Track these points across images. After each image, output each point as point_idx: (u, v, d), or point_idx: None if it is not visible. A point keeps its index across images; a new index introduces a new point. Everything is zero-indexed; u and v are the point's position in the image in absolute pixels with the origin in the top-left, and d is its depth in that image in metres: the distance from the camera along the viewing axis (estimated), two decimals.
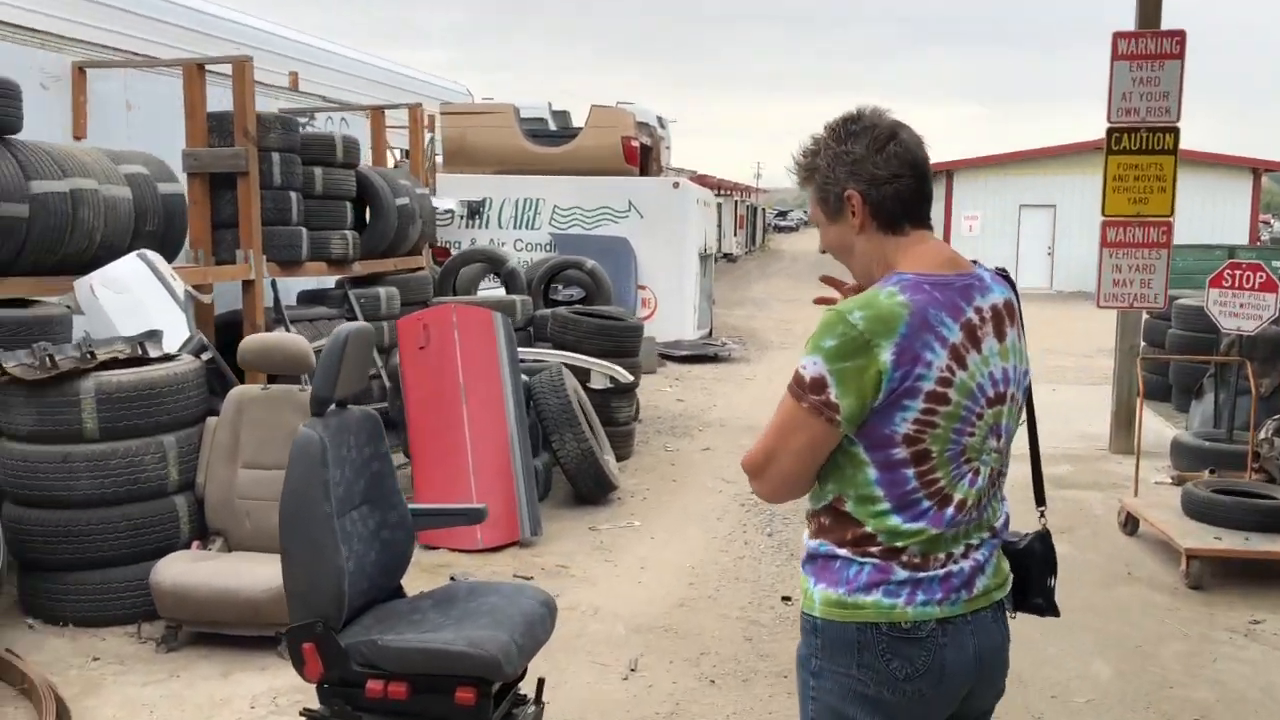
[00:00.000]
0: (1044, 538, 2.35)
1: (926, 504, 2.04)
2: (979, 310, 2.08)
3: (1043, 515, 2.42)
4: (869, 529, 2.06)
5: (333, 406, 3.40)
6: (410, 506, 3.64)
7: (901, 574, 2.06)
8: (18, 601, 5.00)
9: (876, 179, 2.07)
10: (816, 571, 2.13)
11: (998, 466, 2.14)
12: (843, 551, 2.09)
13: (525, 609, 3.41)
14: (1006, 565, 2.25)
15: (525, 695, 3.59)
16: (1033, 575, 2.31)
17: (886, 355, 1.96)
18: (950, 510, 2.06)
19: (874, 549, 2.06)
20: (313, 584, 3.18)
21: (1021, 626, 3.87)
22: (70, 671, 4.41)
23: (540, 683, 3.61)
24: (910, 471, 2.03)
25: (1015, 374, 2.14)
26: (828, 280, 2.41)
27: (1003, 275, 2.23)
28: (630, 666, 4.58)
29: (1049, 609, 2.34)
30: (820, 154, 2.13)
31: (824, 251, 2.24)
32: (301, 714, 3.31)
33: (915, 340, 1.97)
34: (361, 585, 3.40)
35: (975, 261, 2.19)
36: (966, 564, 2.10)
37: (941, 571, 2.07)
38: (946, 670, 2.07)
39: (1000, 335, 2.11)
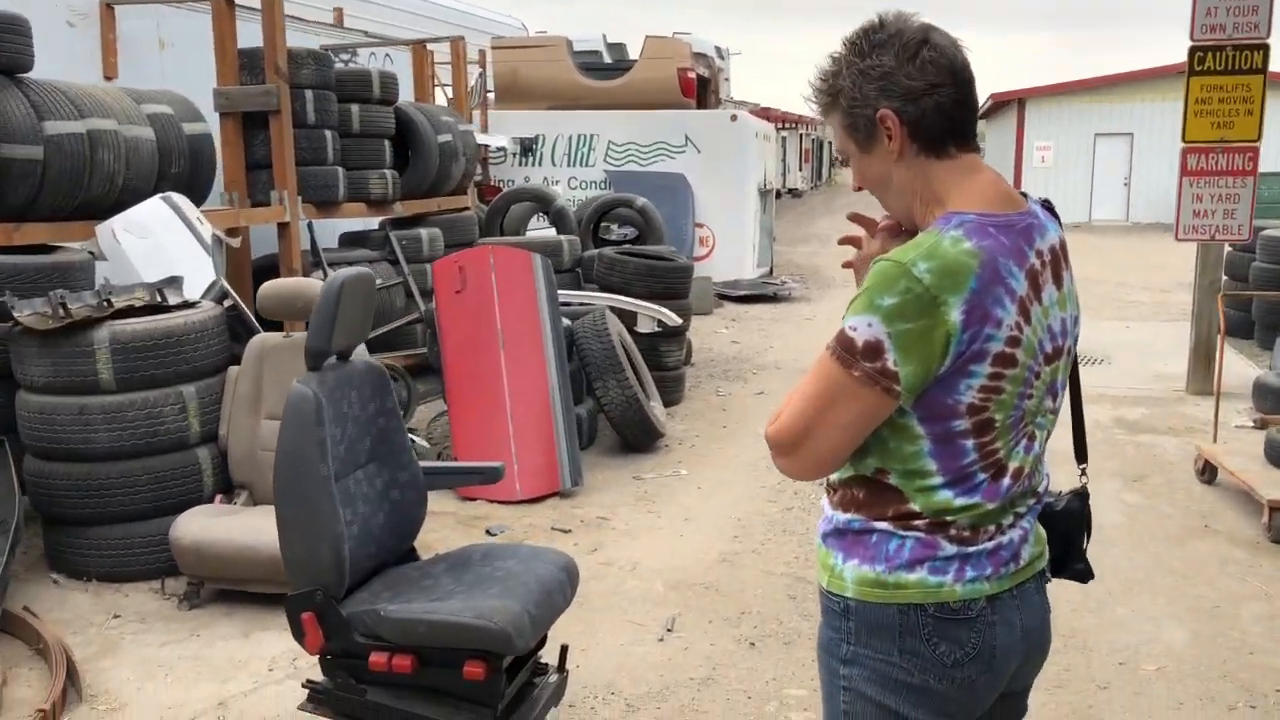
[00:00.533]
0: (1083, 496, 2.09)
1: (981, 476, 1.78)
2: (1040, 254, 1.78)
3: (1084, 472, 2.13)
4: (915, 505, 1.79)
5: (333, 359, 3.17)
6: (422, 465, 3.40)
7: (949, 549, 1.79)
8: (44, 555, 4.90)
9: (912, 92, 1.73)
10: (846, 547, 1.85)
11: (1051, 428, 1.90)
12: (882, 525, 1.81)
13: (542, 575, 3.17)
14: (1043, 531, 1.99)
15: (546, 664, 3.36)
16: (1073, 538, 2.06)
17: (956, 314, 1.65)
18: (1006, 480, 1.81)
19: (919, 523, 1.79)
20: (311, 551, 2.97)
21: (1088, 587, 3.61)
22: (90, 630, 4.29)
23: (564, 650, 3.39)
24: (970, 443, 1.75)
25: (1069, 324, 1.86)
26: (855, 218, 2.05)
27: (1048, 208, 1.92)
28: (666, 626, 4.35)
29: (1087, 573, 2.11)
30: (842, 73, 1.79)
31: (859, 189, 1.91)
32: (304, 685, 3.12)
33: (986, 296, 1.67)
34: (368, 549, 3.19)
35: (1026, 194, 1.89)
36: (1015, 534, 1.86)
37: (990, 544, 1.82)
38: (997, 652, 1.83)
39: (1059, 281, 1.82)
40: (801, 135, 45.56)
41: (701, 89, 16.17)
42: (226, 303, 5.35)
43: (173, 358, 4.70)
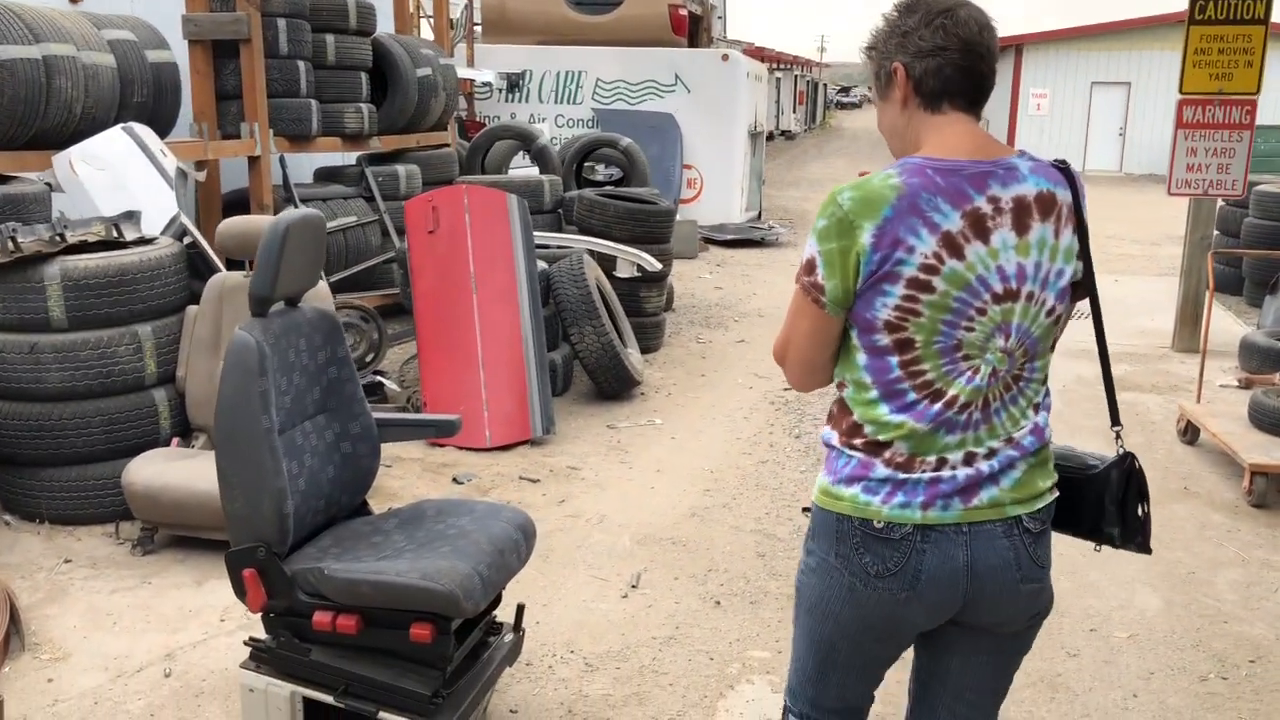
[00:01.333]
0: (1121, 464, 2.14)
1: (912, 396, 1.95)
2: (994, 200, 1.92)
3: (1119, 436, 2.21)
4: (857, 418, 2.01)
5: (280, 305, 3.03)
6: (375, 416, 3.27)
7: (882, 471, 1.98)
8: None
9: (921, 50, 1.95)
10: (824, 459, 2.12)
11: (1007, 368, 1.98)
12: (837, 443, 2.05)
13: (495, 534, 3.05)
14: (1045, 483, 2.07)
15: (501, 624, 3.26)
16: (1104, 503, 2.14)
17: (867, 237, 1.88)
18: (938, 406, 1.95)
19: (859, 441, 2.01)
20: (252, 505, 2.84)
21: (1063, 549, 3.54)
22: (39, 574, 4.18)
23: (520, 609, 3.28)
24: (894, 359, 1.95)
25: (1040, 273, 1.96)
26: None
27: (1061, 168, 2.03)
28: (631, 583, 4.26)
29: (1142, 544, 2.18)
30: (880, 31, 2.03)
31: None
32: (246, 643, 3.02)
33: (899, 224, 1.87)
34: (316, 503, 3.07)
35: (1023, 152, 2.02)
36: (965, 471, 1.97)
37: (928, 475, 1.97)
38: (923, 577, 1.98)
39: (1022, 229, 1.93)
40: (796, 76, 44.99)
41: (693, 27, 15.84)
42: (186, 239, 5.17)
43: (128, 296, 4.54)
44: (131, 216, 4.97)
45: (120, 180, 5.32)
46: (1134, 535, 2.15)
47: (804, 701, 2.25)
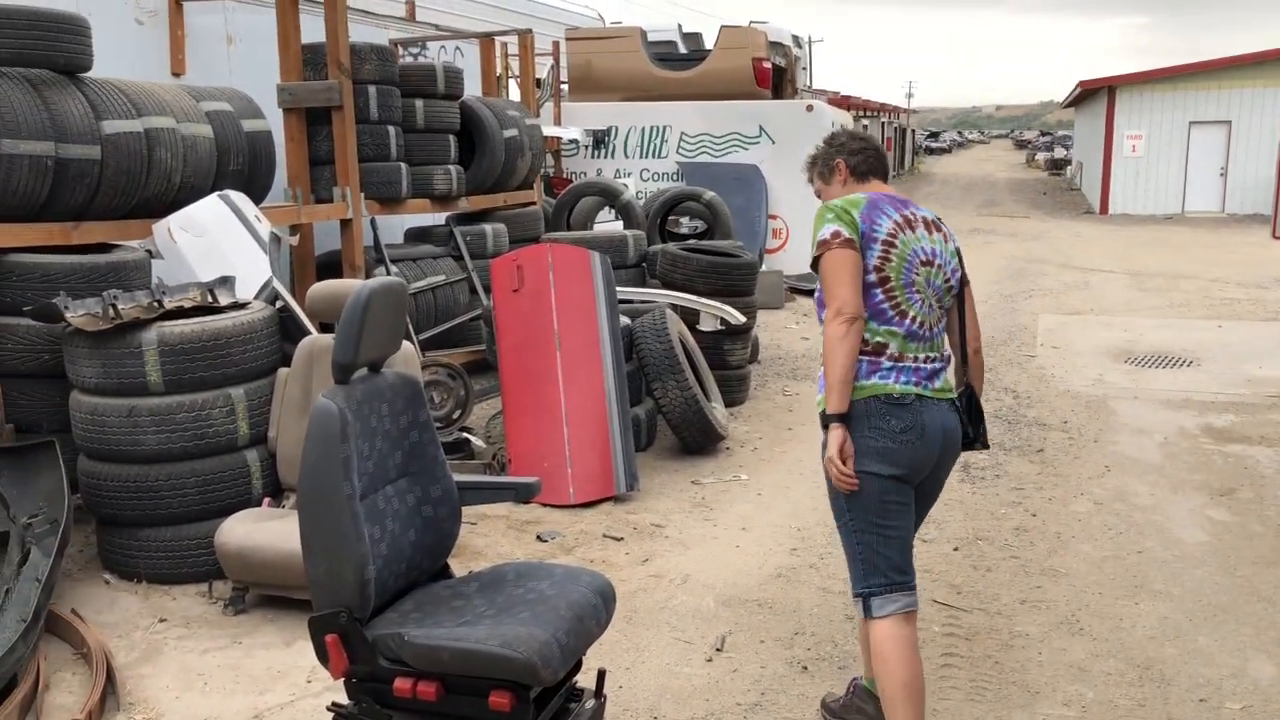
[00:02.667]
0: (964, 391, 3.43)
1: (891, 314, 3.20)
2: (909, 216, 3.31)
3: (965, 377, 3.50)
4: (868, 336, 3.19)
5: (362, 371, 3.07)
6: (456, 479, 3.28)
7: (887, 364, 3.19)
8: (98, 555, 4.91)
9: (851, 150, 3.46)
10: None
11: (934, 305, 3.29)
12: (862, 359, 3.17)
13: (575, 600, 3.02)
14: (953, 381, 3.40)
15: (582, 690, 3.22)
16: (969, 420, 3.39)
17: (857, 215, 3.21)
18: (908, 321, 3.22)
19: (867, 349, 3.18)
20: (334, 572, 2.86)
21: (1168, 612, 4.03)
22: (135, 634, 4.28)
23: (601, 675, 3.24)
24: (879, 291, 3.20)
25: (941, 255, 3.31)
26: None
27: (936, 220, 3.42)
28: (716, 646, 4.18)
29: (983, 443, 3.46)
30: (819, 151, 3.54)
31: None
32: (329, 709, 3.03)
33: (872, 211, 3.23)
34: (398, 567, 3.08)
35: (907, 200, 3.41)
36: (928, 366, 3.25)
37: (912, 365, 3.22)
38: (927, 429, 3.19)
39: (928, 231, 3.32)
40: (884, 123, 44.79)
41: (777, 78, 15.89)
42: (278, 303, 5.30)
43: (221, 359, 4.66)
44: (226, 282, 5.12)
45: (216, 246, 5.49)
46: (979, 437, 3.41)
47: (878, 575, 3.21)
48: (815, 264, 3.20)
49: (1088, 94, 31.58)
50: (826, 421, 3.14)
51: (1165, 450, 6.83)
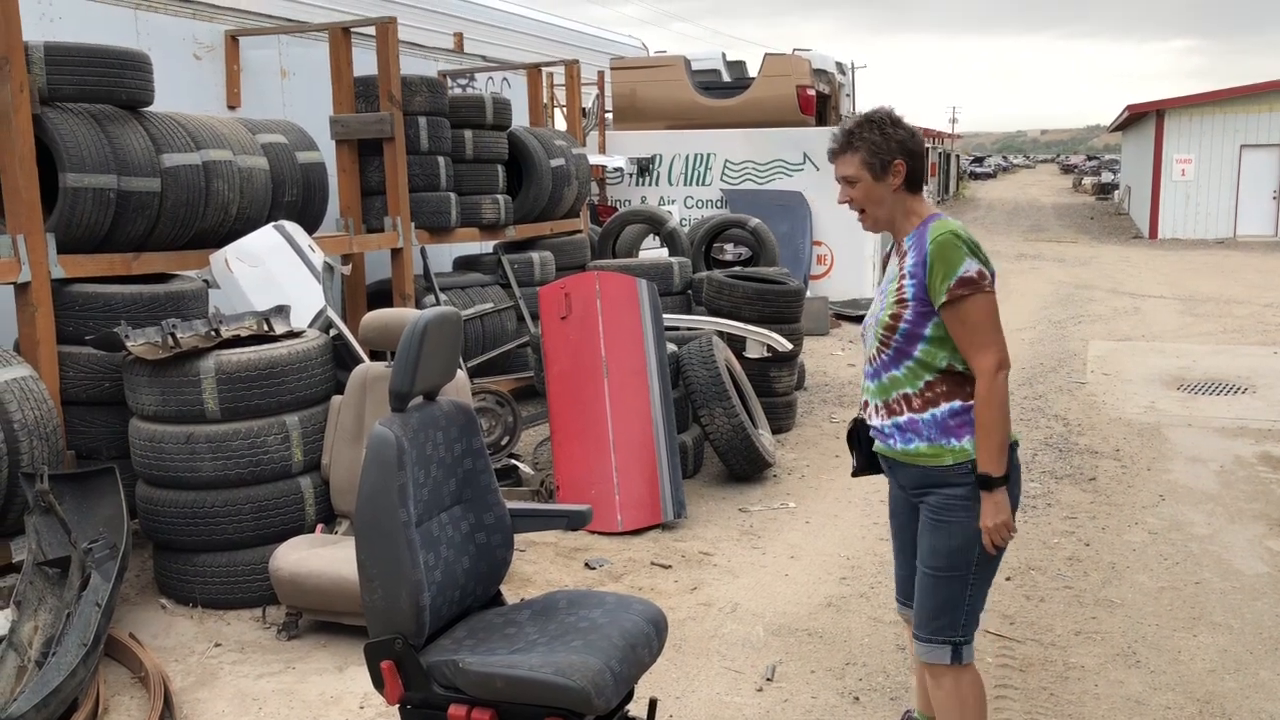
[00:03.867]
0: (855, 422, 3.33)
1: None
2: None
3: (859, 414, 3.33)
4: (962, 382, 2.99)
5: (418, 399, 3.11)
6: (509, 506, 3.31)
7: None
8: (154, 580, 4.99)
9: (914, 152, 3.04)
10: (956, 428, 2.98)
11: None
12: (968, 402, 2.97)
13: (627, 629, 3.03)
14: None
15: (633, 719, 3.23)
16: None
17: (981, 250, 2.96)
18: None
19: (970, 393, 2.99)
20: (390, 598, 2.89)
21: (1228, 644, 4.18)
22: (190, 658, 4.33)
23: (653, 704, 3.24)
24: None
25: None
26: None
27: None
28: (766, 676, 4.16)
29: (858, 470, 3.38)
30: (869, 133, 3.03)
31: (845, 202, 3.12)
32: None
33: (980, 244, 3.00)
34: (452, 594, 3.11)
35: None
36: None
37: None
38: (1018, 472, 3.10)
39: None
40: (928, 148, 44.64)
41: (821, 105, 15.91)
42: (332, 332, 5.38)
43: (276, 387, 4.73)
44: (281, 311, 5.21)
45: (271, 276, 5.59)
46: (864, 465, 3.30)
47: (973, 623, 3.08)
48: (948, 304, 2.88)
49: (1135, 118, 31.29)
50: (990, 484, 2.92)
51: (1221, 479, 6.72)
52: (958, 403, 2.95)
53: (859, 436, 3.24)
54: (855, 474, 3.30)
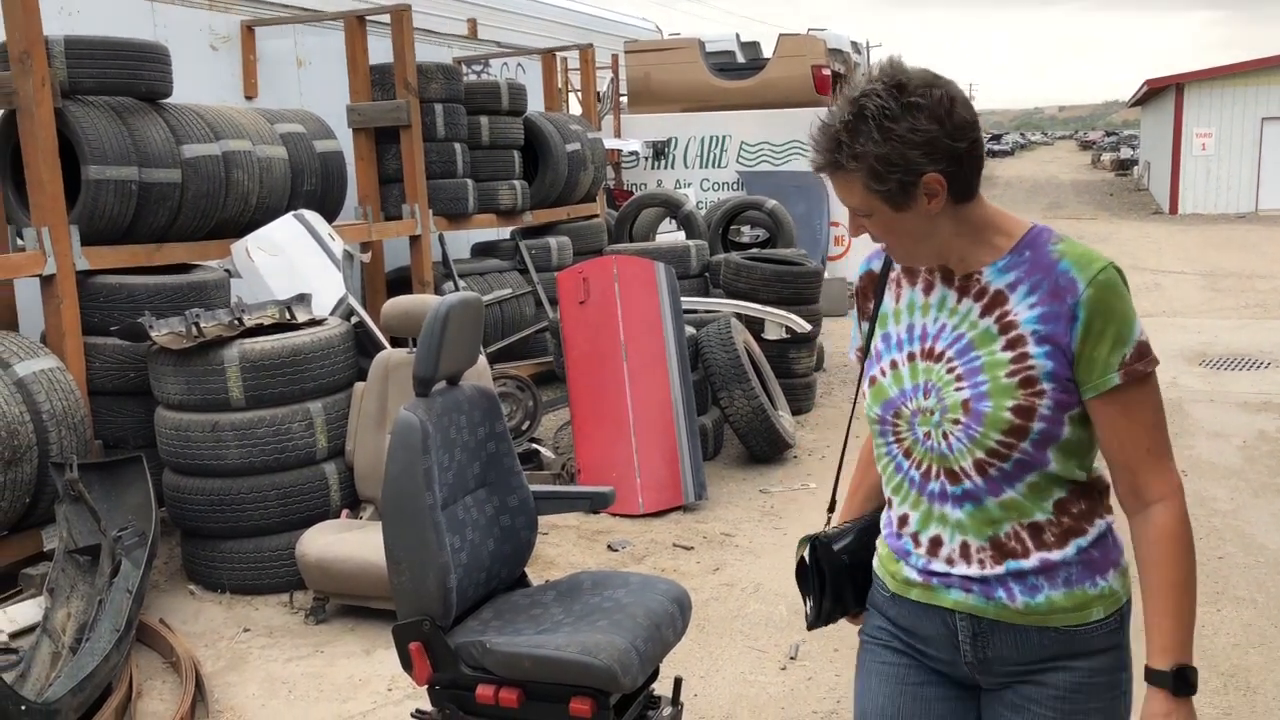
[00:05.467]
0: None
1: None
2: None
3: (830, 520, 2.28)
4: (1102, 488, 1.89)
5: (441, 384, 3.14)
6: (533, 489, 3.34)
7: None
8: (182, 567, 5.05)
9: (955, 154, 1.73)
10: (1097, 563, 1.84)
11: None
12: (1106, 519, 1.88)
13: (652, 608, 3.06)
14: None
15: (659, 697, 3.26)
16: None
17: None
18: None
19: (1107, 505, 1.89)
20: (417, 580, 2.93)
21: (1252, 619, 4.09)
22: (220, 643, 4.40)
23: (678, 683, 3.27)
24: None
25: None
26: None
27: None
28: (790, 654, 4.20)
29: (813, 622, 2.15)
30: (870, 136, 1.71)
31: (857, 235, 1.88)
32: (413, 715, 3.10)
33: None
34: (478, 576, 3.15)
35: None
36: None
37: None
38: None
39: None
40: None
41: (837, 85, 15.85)
42: (354, 319, 5.42)
43: (300, 375, 4.78)
44: (303, 299, 5.25)
45: (292, 264, 5.63)
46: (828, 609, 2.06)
47: None
48: (1119, 390, 1.75)
49: (1154, 92, 31.02)
50: (1183, 684, 1.75)
51: (1245, 454, 6.70)
52: (1102, 522, 1.85)
53: (818, 568, 2.03)
54: (813, 625, 2.08)
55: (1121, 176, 43.63)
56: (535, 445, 6.71)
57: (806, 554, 2.05)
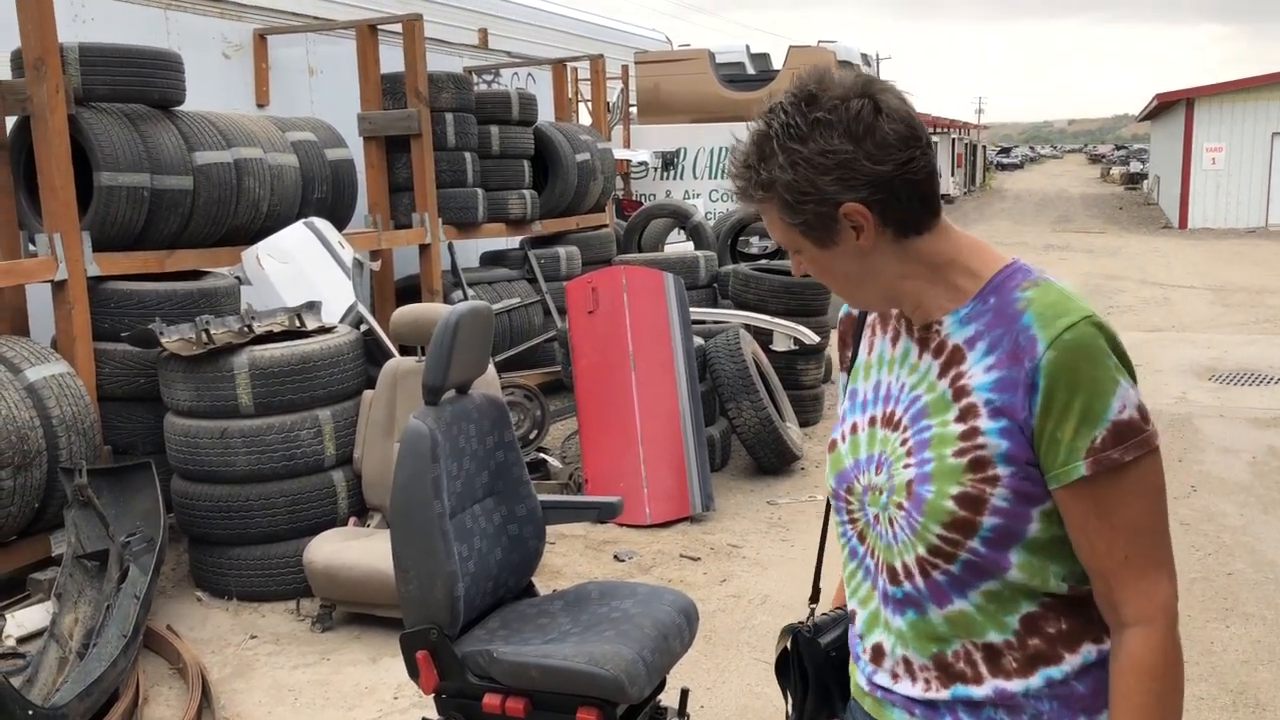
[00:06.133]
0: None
1: None
2: None
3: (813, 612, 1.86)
4: (1089, 620, 1.46)
5: (451, 393, 3.15)
6: (541, 498, 3.34)
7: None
8: (189, 573, 5.06)
9: (880, 177, 1.38)
10: (1092, 700, 1.44)
11: None
12: (1099, 648, 1.45)
13: (659, 619, 3.06)
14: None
15: (665, 708, 3.25)
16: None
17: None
18: None
19: (1103, 627, 1.45)
20: (425, 589, 2.93)
21: (1261, 635, 3.96)
22: (227, 650, 4.40)
23: (684, 695, 3.27)
24: None
25: None
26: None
27: None
28: None
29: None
30: (776, 161, 1.40)
31: (804, 277, 1.58)
32: None
33: None
34: (485, 585, 3.15)
35: None
36: None
37: None
38: None
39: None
40: (954, 139, 44.40)
41: None
42: (363, 327, 5.43)
43: (309, 382, 4.79)
44: (313, 307, 5.27)
45: (302, 272, 5.65)
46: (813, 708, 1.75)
47: None
48: (1089, 480, 1.36)
49: (1165, 106, 31.00)
50: None
51: (1254, 469, 6.67)
52: (1092, 649, 1.45)
53: (800, 663, 1.77)
54: None
55: (1131, 190, 43.59)
56: (542, 454, 6.71)
57: (789, 645, 1.76)
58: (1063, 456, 1.35)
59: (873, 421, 1.53)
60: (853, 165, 1.37)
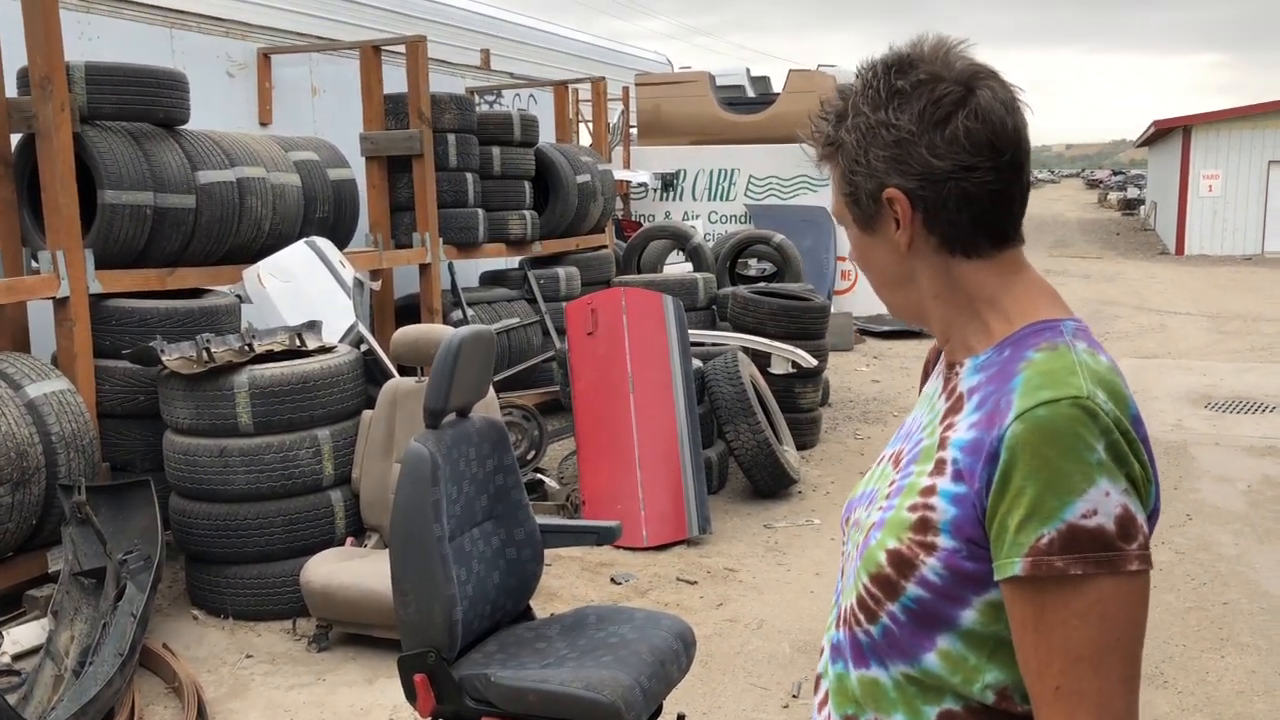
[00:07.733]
0: None
1: None
2: None
3: None
4: None
5: (451, 416, 3.16)
6: (540, 522, 3.35)
7: None
8: (186, 591, 5.05)
9: (933, 172, 1.24)
10: None
11: None
12: None
13: (656, 645, 3.07)
14: None
15: None
16: None
17: (1139, 447, 1.20)
18: None
19: None
20: (423, 612, 2.94)
21: (1256, 665, 3.95)
22: (223, 669, 4.39)
23: None
24: None
25: None
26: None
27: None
28: (792, 693, 4.18)
29: None
30: (848, 120, 1.29)
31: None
32: None
33: (1140, 418, 1.23)
34: (483, 609, 3.16)
35: None
36: None
37: None
38: None
39: None
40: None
41: None
42: (363, 347, 5.45)
43: (308, 402, 4.80)
44: (313, 326, 5.28)
45: (303, 291, 5.67)
46: None
47: None
48: (1024, 581, 1.15)
49: (1162, 133, 31.15)
50: None
51: (1250, 498, 6.69)
52: None
53: None
54: None
55: (1128, 216, 43.72)
56: (540, 475, 6.72)
57: None
58: (1005, 548, 1.16)
59: (889, 457, 1.40)
60: (909, 148, 1.24)
